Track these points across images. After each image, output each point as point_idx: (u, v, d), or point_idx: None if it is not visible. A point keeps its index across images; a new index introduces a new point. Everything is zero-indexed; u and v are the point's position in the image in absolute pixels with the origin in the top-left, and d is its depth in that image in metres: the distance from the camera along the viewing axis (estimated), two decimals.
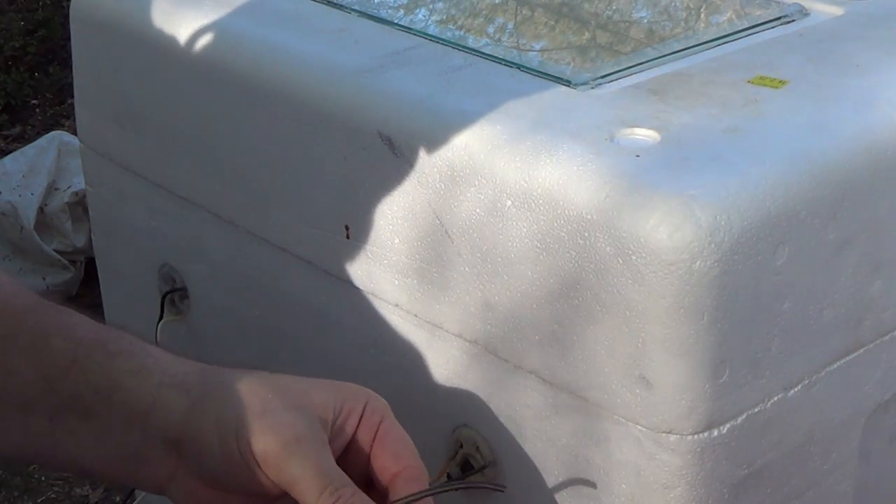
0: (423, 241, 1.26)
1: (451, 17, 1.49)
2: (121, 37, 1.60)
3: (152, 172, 1.61)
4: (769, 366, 1.14)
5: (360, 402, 0.87)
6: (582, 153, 1.15)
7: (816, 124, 1.19)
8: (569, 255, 1.13)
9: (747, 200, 1.10)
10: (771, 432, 1.17)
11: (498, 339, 1.22)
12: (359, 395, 0.87)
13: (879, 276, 1.22)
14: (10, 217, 2.92)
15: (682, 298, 1.08)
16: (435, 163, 1.23)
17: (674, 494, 1.14)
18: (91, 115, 1.70)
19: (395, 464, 0.86)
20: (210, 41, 1.48)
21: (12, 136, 3.78)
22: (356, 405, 0.86)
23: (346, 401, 0.86)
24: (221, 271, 1.56)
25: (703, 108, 1.21)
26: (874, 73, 1.28)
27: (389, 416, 0.88)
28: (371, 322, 1.35)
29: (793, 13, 1.41)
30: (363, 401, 0.87)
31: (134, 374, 0.85)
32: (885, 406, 1.29)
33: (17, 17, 4.29)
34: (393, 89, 1.30)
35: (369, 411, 0.87)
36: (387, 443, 0.86)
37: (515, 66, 1.32)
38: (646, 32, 1.43)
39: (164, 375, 0.86)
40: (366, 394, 0.88)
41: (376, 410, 0.87)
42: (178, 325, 1.64)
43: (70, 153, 3.04)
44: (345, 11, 1.49)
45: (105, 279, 1.82)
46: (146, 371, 0.86)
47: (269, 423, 0.82)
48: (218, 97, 1.48)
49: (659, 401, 1.11)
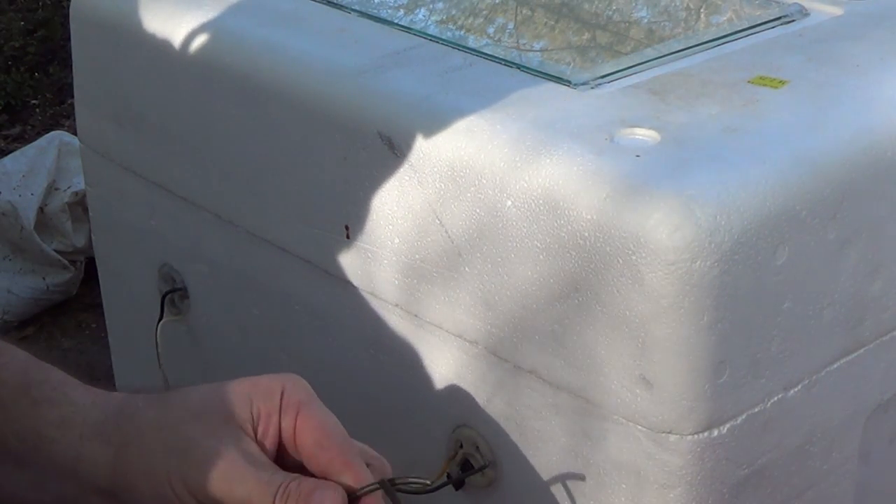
0: (423, 241, 1.26)
1: (451, 17, 1.49)
2: (121, 37, 1.60)
3: (152, 172, 1.61)
4: (769, 366, 1.14)
5: (275, 397, 0.84)
6: (582, 153, 1.15)
7: (816, 124, 1.19)
8: (569, 255, 1.13)
9: (747, 200, 1.09)
10: (771, 432, 1.17)
11: (498, 339, 1.22)
12: (272, 389, 0.84)
13: (879, 276, 1.22)
14: (10, 217, 2.92)
15: (682, 298, 1.08)
16: (435, 163, 1.23)
17: (674, 494, 1.14)
18: (91, 115, 1.70)
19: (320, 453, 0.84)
20: (210, 41, 1.48)
21: (12, 136, 3.78)
22: (271, 401, 0.84)
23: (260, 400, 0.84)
24: (221, 271, 1.56)
25: (703, 108, 1.21)
26: (874, 73, 1.28)
27: (308, 402, 0.85)
28: (371, 322, 1.35)
29: (793, 13, 1.41)
30: (277, 393, 0.84)
31: (57, 426, 0.84)
32: (885, 406, 1.29)
33: (17, 17, 4.29)
34: (393, 89, 1.30)
35: (286, 404, 0.84)
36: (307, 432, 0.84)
37: (515, 66, 1.32)
38: (646, 32, 1.43)
39: (85, 426, 0.84)
40: (280, 384, 0.85)
41: (292, 400, 0.84)
42: (178, 324, 1.64)
43: (70, 153, 3.03)
44: (345, 11, 1.49)
45: (105, 279, 1.82)
46: (68, 423, 0.85)
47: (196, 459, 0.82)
48: (218, 97, 1.48)
49: (659, 401, 1.11)
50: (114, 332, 1.86)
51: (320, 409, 0.85)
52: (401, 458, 1.38)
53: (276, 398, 0.84)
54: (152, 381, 1.63)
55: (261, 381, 0.85)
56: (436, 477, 1.29)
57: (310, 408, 0.84)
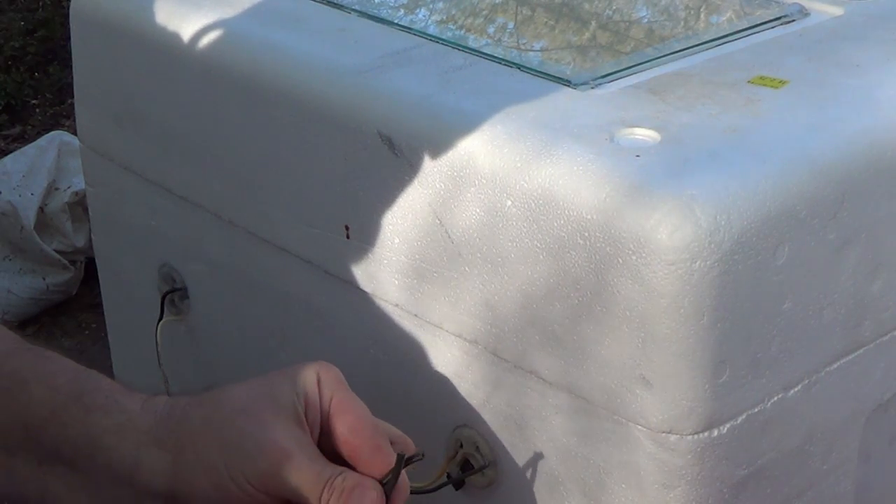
0: (423, 241, 1.26)
1: (451, 17, 1.49)
2: (121, 37, 1.60)
3: (152, 172, 1.61)
4: (769, 366, 1.14)
5: (314, 384, 0.87)
6: (582, 153, 1.15)
7: (816, 124, 1.19)
8: (569, 255, 1.13)
9: (747, 200, 1.09)
10: (771, 432, 1.17)
11: (498, 339, 1.22)
12: (309, 376, 0.87)
13: (879, 276, 1.22)
14: (10, 217, 2.92)
15: (682, 298, 1.08)
16: (435, 163, 1.23)
17: (674, 494, 1.14)
18: (91, 115, 1.70)
19: (353, 439, 0.87)
20: (210, 41, 1.48)
21: (12, 136, 3.77)
22: (311, 388, 0.87)
23: (304, 388, 0.87)
24: (221, 271, 1.56)
25: (703, 108, 1.21)
26: (874, 73, 1.28)
27: (340, 388, 0.88)
28: (371, 322, 1.35)
29: (793, 13, 1.41)
30: (315, 381, 0.87)
31: (113, 433, 0.86)
32: (885, 406, 1.29)
33: (17, 17, 4.29)
34: (393, 89, 1.30)
35: (323, 390, 0.87)
36: (341, 418, 0.87)
37: (515, 66, 1.32)
38: (646, 32, 1.43)
39: (140, 433, 0.86)
40: (315, 371, 0.88)
41: (326, 386, 0.87)
42: (178, 324, 1.64)
43: (70, 153, 3.03)
44: (345, 11, 1.49)
45: (105, 279, 1.82)
46: (123, 431, 0.86)
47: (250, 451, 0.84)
48: (218, 97, 1.48)
49: (659, 401, 1.11)
50: (114, 332, 1.86)
51: (351, 396, 0.88)
52: None
53: (314, 385, 0.86)
54: (152, 381, 1.63)
55: (300, 369, 0.87)
56: (436, 477, 1.30)
57: (343, 394, 0.87)
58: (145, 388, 0.90)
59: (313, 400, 0.86)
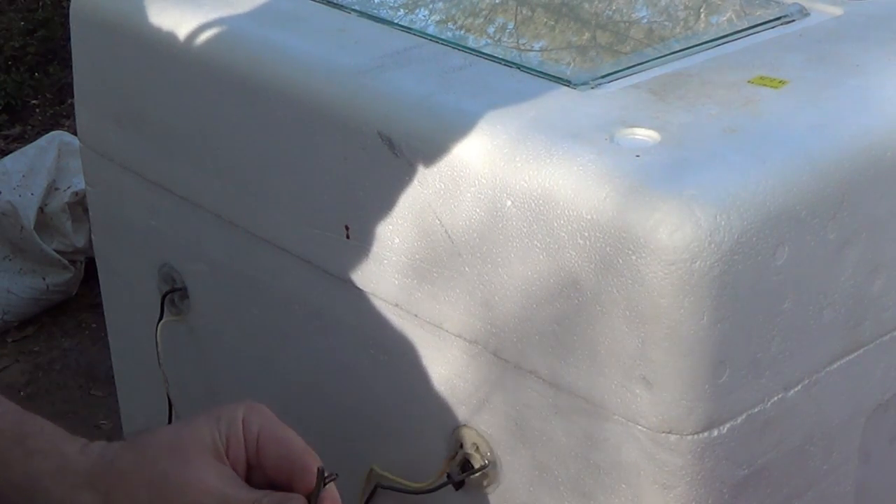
0: (423, 241, 1.26)
1: (451, 17, 1.49)
2: (121, 37, 1.60)
3: (152, 172, 1.61)
4: (769, 366, 1.14)
5: (237, 422, 0.92)
6: (582, 153, 1.15)
7: (816, 124, 1.19)
8: (569, 255, 1.13)
9: (747, 200, 1.09)
10: (771, 432, 1.17)
11: (498, 339, 1.22)
12: (233, 415, 0.92)
13: (879, 276, 1.22)
14: (10, 217, 2.92)
15: (682, 298, 1.08)
16: (435, 163, 1.23)
17: (674, 494, 1.14)
18: (91, 115, 1.70)
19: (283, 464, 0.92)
20: (210, 41, 1.48)
21: (12, 136, 3.77)
22: (234, 426, 0.92)
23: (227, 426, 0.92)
24: (221, 271, 1.56)
25: (703, 108, 1.21)
26: (874, 73, 1.28)
27: (267, 423, 0.93)
28: (371, 322, 1.35)
29: (793, 13, 1.41)
30: (238, 419, 0.92)
31: (51, 476, 0.91)
32: (885, 406, 1.29)
33: (17, 17, 4.29)
34: (393, 89, 1.30)
35: (247, 428, 0.92)
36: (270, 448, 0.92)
37: (515, 66, 1.32)
38: (646, 32, 1.43)
39: (76, 476, 0.91)
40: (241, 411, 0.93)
41: (253, 423, 0.92)
42: (178, 324, 1.64)
43: (70, 153, 3.03)
44: (345, 11, 1.49)
45: (105, 279, 1.82)
46: (61, 474, 0.91)
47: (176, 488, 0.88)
48: (218, 97, 1.48)
49: (659, 401, 1.11)
50: (114, 332, 1.86)
51: (280, 427, 0.92)
52: (401, 458, 1.39)
53: (237, 425, 0.91)
54: (152, 381, 1.63)
55: (224, 410, 0.92)
56: (436, 477, 1.30)
57: (271, 427, 0.92)
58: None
59: (236, 437, 0.90)
